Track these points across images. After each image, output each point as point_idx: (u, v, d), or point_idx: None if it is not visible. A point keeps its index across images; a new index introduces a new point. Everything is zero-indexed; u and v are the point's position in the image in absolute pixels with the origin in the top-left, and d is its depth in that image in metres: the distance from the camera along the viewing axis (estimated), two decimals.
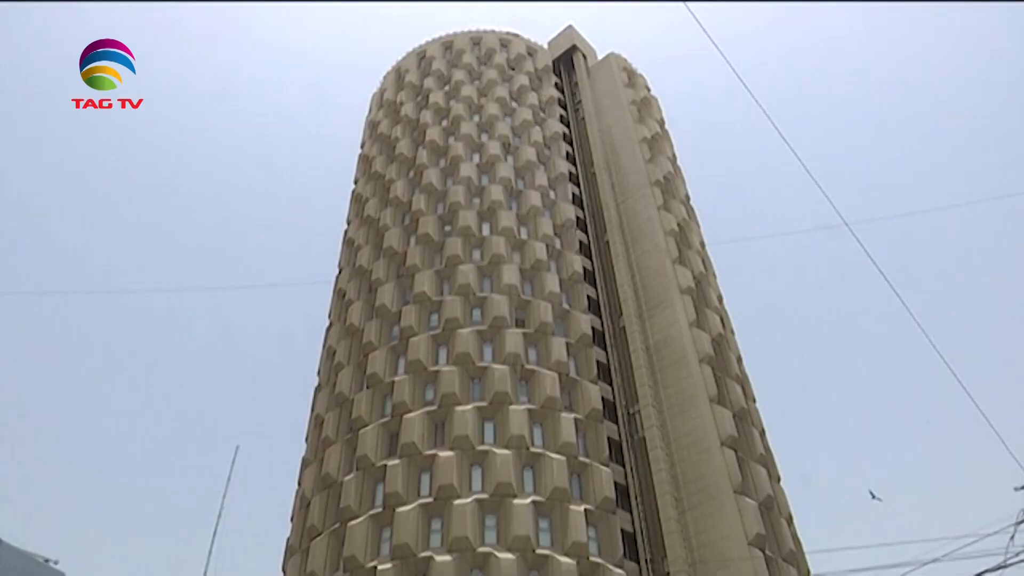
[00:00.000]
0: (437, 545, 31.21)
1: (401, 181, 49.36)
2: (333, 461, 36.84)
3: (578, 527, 31.72)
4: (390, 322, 41.42)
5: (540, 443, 34.76)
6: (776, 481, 38.35)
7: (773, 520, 35.05)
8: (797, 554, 35.55)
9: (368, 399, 37.88)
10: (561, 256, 44.37)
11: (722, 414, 36.51)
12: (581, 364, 39.20)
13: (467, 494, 32.37)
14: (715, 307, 44.17)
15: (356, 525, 32.85)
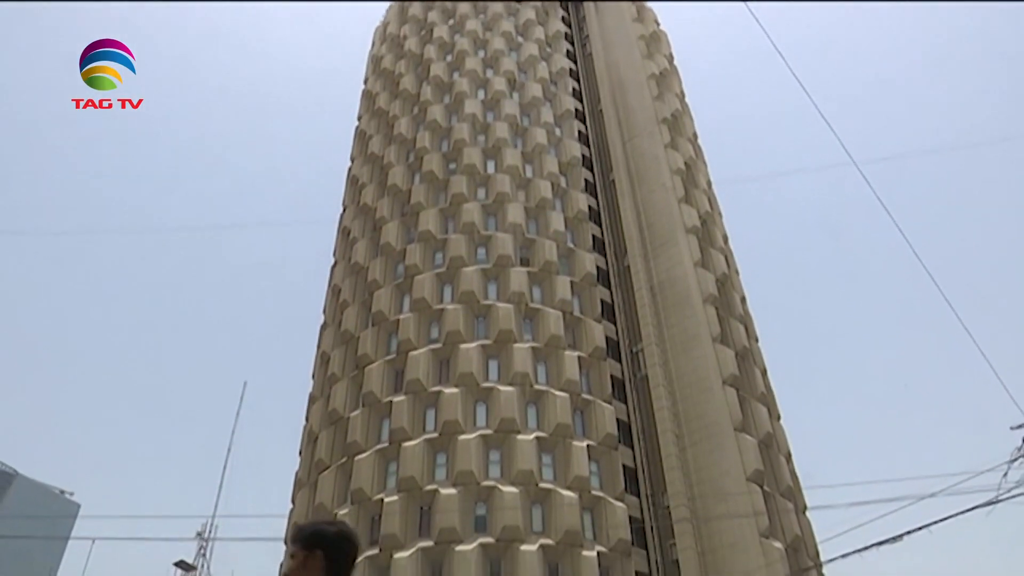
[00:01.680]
0: (442, 479, 31.93)
1: (405, 118, 48.71)
2: (339, 397, 37.41)
3: (580, 462, 32.36)
4: (395, 260, 41.47)
5: (544, 380, 35.17)
6: (776, 419, 38.88)
7: (772, 457, 35.66)
8: (795, 489, 36.28)
9: (373, 336, 38.22)
10: (566, 195, 44.07)
11: (724, 353, 36.79)
12: (585, 303, 39.35)
13: (471, 430, 32.95)
14: (720, 247, 44.05)
15: (363, 459, 33.56)
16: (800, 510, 35.84)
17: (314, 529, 3.30)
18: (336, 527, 3.31)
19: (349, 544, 3.30)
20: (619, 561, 30.80)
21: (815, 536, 35.82)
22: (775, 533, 32.11)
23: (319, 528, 3.30)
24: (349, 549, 3.29)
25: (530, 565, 29.07)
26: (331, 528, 3.30)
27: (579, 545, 30.10)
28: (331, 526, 3.31)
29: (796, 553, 32.70)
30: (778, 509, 33.58)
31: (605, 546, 30.71)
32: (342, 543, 3.27)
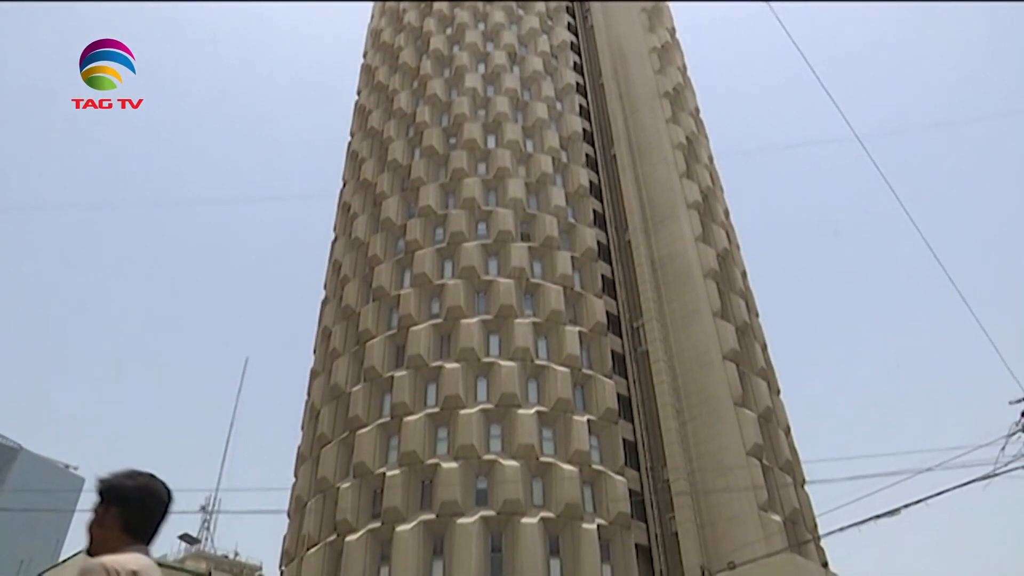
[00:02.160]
0: (443, 453, 32.17)
1: (405, 92, 48.36)
2: (341, 372, 37.57)
3: (581, 436, 32.57)
4: (395, 235, 41.42)
5: (544, 355, 35.29)
6: (776, 394, 39.05)
7: (771, 431, 35.88)
8: (793, 463, 36.54)
9: (375, 312, 38.29)
10: (567, 169, 43.89)
11: (725, 328, 36.86)
12: (586, 278, 39.35)
13: (473, 404, 33.12)
14: (721, 222, 43.95)
15: (364, 433, 33.78)
16: (799, 484, 36.13)
17: (111, 482, 2.90)
18: (138, 480, 2.92)
19: (151, 498, 2.91)
20: (619, 534, 31.12)
21: (813, 509, 36.16)
22: (774, 506, 32.39)
23: (117, 481, 2.90)
24: (151, 503, 2.90)
25: (531, 538, 29.38)
26: (130, 481, 2.91)
27: (579, 518, 30.39)
28: (131, 479, 2.91)
29: (794, 526, 33.01)
30: (777, 483, 33.85)
31: (605, 519, 31.01)
32: (142, 497, 2.88)
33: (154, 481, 2.96)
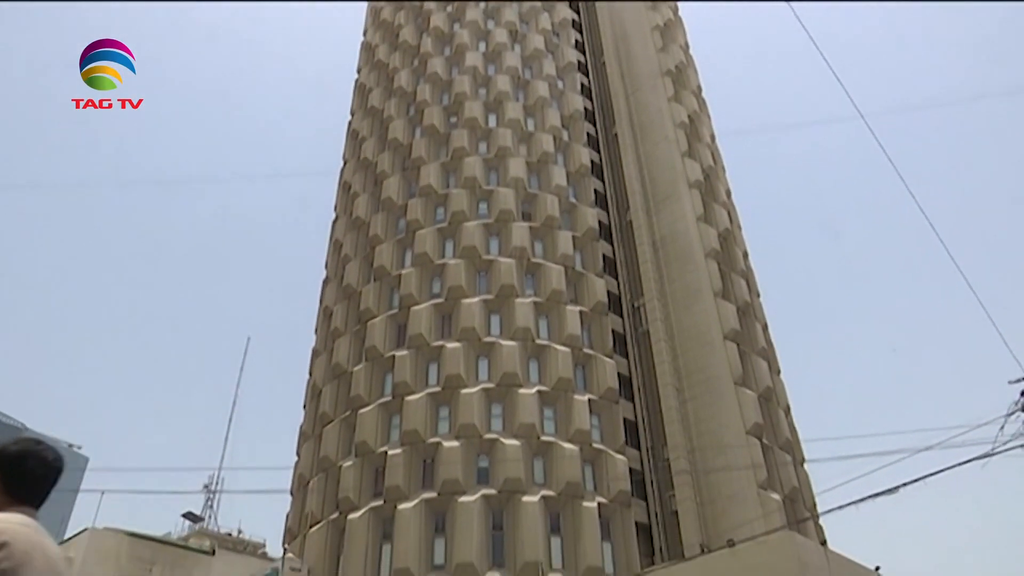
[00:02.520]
0: (445, 432, 32.33)
1: (405, 71, 48.03)
2: (343, 352, 37.66)
3: (582, 415, 32.71)
4: (396, 215, 41.33)
5: (545, 335, 35.35)
6: (776, 373, 39.14)
7: (771, 410, 36.00)
8: (793, 442, 36.71)
9: (376, 291, 38.31)
10: (568, 148, 43.68)
11: (726, 308, 36.87)
12: (587, 258, 39.31)
13: (474, 383, 33.23)
14: (723, 201, 43.80)
15: (366, 412, 33.93)
16: (798, 462, 36.32)
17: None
18: (19, 444, 2.88)
19: (33, 460, 2.87)
20: (619, 512, 31.33)
21: (812, 488, 36.37)
22: (773, 485, 32.59)
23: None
24: (32, 465, 2.86)
25: (532, 516, 29.60)
26: (13, 446, 2.87)
27: (580, 496, 30.60)
28: (15, 444, 2.89)
29: (793, 504, 33.23)
30: (776, 462, 34.02)
31: (605, 497, 31.22)
32: (23, 460, 2.85)
33: (38, 445, 2.95)
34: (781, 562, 26.71)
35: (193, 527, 57.37)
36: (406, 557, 29.08)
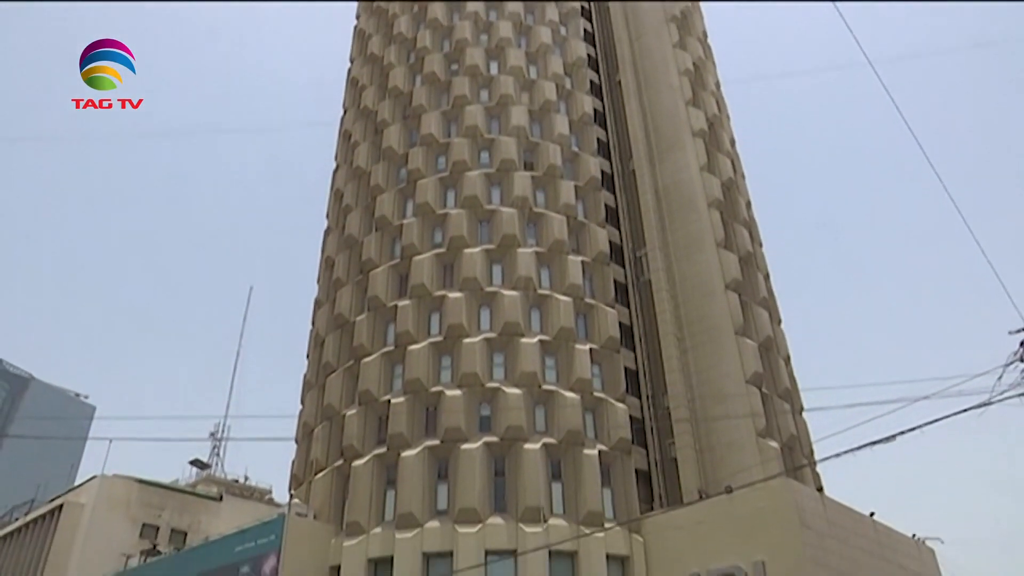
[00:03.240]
0: (447, 381, 32.61)
1: (405, 17, 47.09)
2: (345, 302, 37.77)
3: (583, 364, 32.93)
4: (397, 164, 41.00)
5: (547, 285, 35.38)
6: (777, 323, 39.26)
7: (771, 360, 36.23)
8: (792, 391, 37.04)
9: (377, 241, 38.24)
10: (571, 96, 43.07)
11: (728, 258, 36.81)
12: (589, 207, 39.10)
13: (476, 333, 33.39)
14: (727, 151, 43.36)
15: (369, 362, 34.19)
16: (796, 411, 36.69)
17: None
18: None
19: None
20: (619, 459, 31.78)
21: (810, 436, 36.81)
22: (771, 433, 32.98)
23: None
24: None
25: (533, 462, 30.04)
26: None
27: (580, 444, 31.00)
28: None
29: (791, 452, 33.67)
30: (775, 410, 34.37)
31: (606, 444, 31.63)
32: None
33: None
34: (778, 508, 27.20)
35: (200, 474, 58.55)
36: (410, 502, 29.62)
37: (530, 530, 28.35)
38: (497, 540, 28.46)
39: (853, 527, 29.93)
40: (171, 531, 49.07)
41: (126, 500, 49.18)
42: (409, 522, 29.22)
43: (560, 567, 28.74)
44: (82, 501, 49.56)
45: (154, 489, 50.99)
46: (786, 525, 26.78)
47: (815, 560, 26.38)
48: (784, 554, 26.30)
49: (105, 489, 49.10)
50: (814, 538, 27.05)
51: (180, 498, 51.82)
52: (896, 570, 31.44)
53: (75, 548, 46.40)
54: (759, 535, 26.82)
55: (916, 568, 33.32)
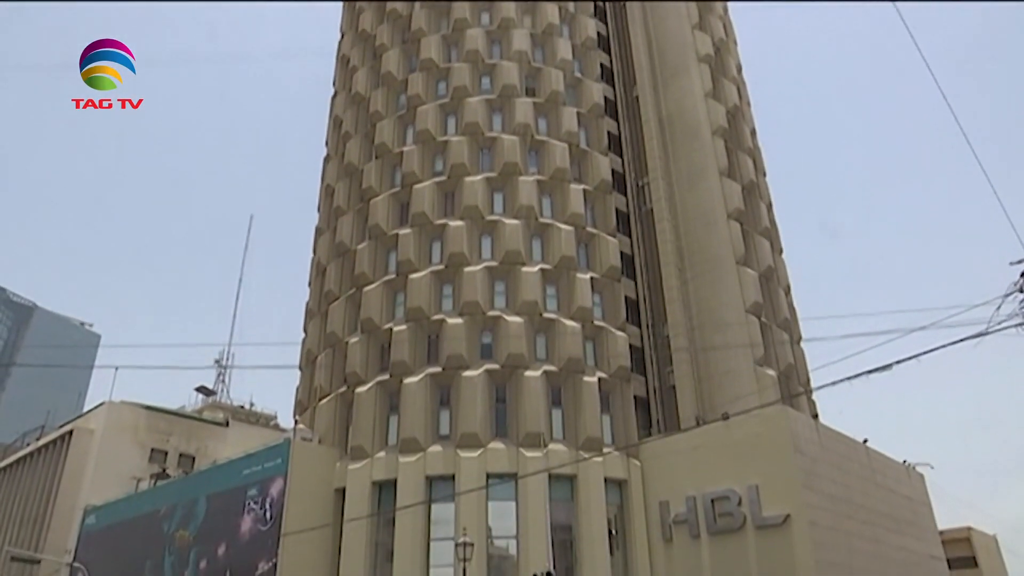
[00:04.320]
0: (449, 309, 32.79)
1: None
2: (346, 230, 37.65)
3: (583, 293, 33.06)
4: (396, 91, 40.23)
5: (549, 213, 35.20)
6: (778, 253, 39.23)
7: (771, 289, 36.34)
8: (791, 321, 37.28)
9: (377, 169, 37.86)
10: (574, 19, 41.91)
11: (731, 187, 36.50)
12: (592, 135, 38.56)
13: (477, 262, 33.40)
14: (733, 77, 42.47)
15: (371, 290, 34.32)
16: (795, 341, 37.01)
17: None
18: None
19: None
20: (618, 386, 32.24)
21: (807, 365, 37.25)
22: (769, 362, 33.35)
23: None
24: None
25: (533, 389, 30.48)
26: None
27: (580, 371, 31.40)
28: None
29: (788, 380, 34.13)
30: (773, 339, 34.67)
31: (605, 372, 32.04)
32: None
33: None
34: (773, 434, 27.76)
35: (206, 400, 59.51)
36: (412, 427, 30.20)
37: (530, 454, 28.99)
38: (498, 464, 29.15)
39: (846, 453, 30.60)
40: (179, 455, 50.22)
41: (134, 426, 50.16)
42: (412, 446, 29.86)
43: (560, 490, 29.53)
44: (91, 427, 50.55)
45: (161, 415, 51.94)
46: (780, 451, 27.39)
47: (807, 484, 27.07)
48: (777, 478, 26.98)
49: (113, 415, 50.03)
50: (807, 463, 27.70)
51: (187, 424, 52.84)
52: (886, 494, 32.29)
53: (87, 472, 47.57)
54: (754, 460, 27.46)
55: (906, 492, 34.21)
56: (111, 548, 38.86)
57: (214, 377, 62.16)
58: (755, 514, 26.80)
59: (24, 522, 49.95)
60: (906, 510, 33.30)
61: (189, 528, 34.55)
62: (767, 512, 26.58)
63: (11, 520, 52.08)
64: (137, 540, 37.41)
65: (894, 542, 30.84)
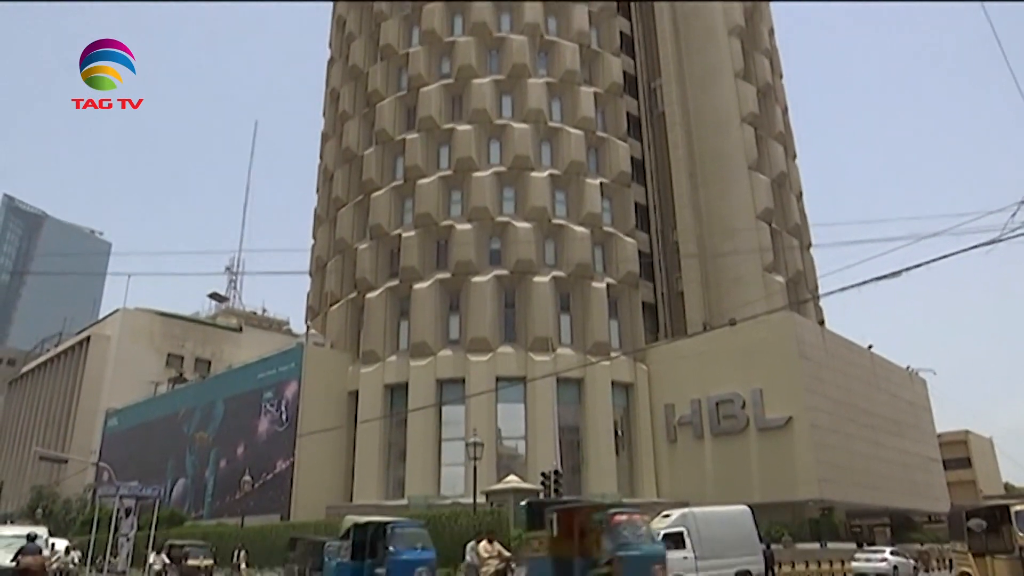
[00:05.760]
0: (457, 215, 32.64)
1: None
2: (352, 135, 37.10)
3: (593, 199, 32.80)
4: None
5: (558, 117, 34.51)
6: (792, 158, 38.59)
7: (783, 195, 35.94)
8: (802, 227, 37.02)
9: (383, 72, 36.93)
10: None
11: (746, 90, 35.55)
12: (603, 35, 37.30)
13: (485, 167, 33.02)
14: None
15: (379, 196, 34.12)
16: (804, 247, 36.86)
17: None
18: None
19: None
20: (627, 292, 32.41)
21: (816, 271, 37.24)
22: (778, 268, 33.33)
23: None
24: None
25: (542, 295, 30.69)
26: None
27: (589, 277, 31.51)
28: None
29: (796, 286, 34.19)
30: (783, 245, 34.54)
31: (614, 278, 32.16)
32: None
33: None
34: (778, 339, 28.06)
35: (219, 307, 60.34)
36: (423, 332, 30.63)
37: (539, 358, 29.46)
38: (507, 367, 29.68)
39: (850, 359, 30.99)
40: (195, 360, 51.36)
41: (149, 331, 51.10)
42: (423, 351, 30.36)
43: (567, 393, 30.18)
44: (107, 333, 51.52)
45: (176, 321, 52.82)
46: (785, 356, 27.78)
47: (811, 388, 27.57)
48: (781, 382, 27.47)
49: (128, 321, 50.91)
50: (811, 368, 28.12)
51: (201, 329, 53.78)
52: (888, 398, 32.89)
53: (106, 376, 48.83)
54: (759, 365, 27.90)
55: (908, 397, 34.81)
56: (134, 448, 40.29)
57: (225, 284, 62.81)
58: (758, 416, 27.44)
59: (49, 425, 51.68)
60: (907, 414, 33.97)
61: (208, 429, 35.67)
62: (770, 415, 27.19)
63: (36, 423, 53.87)
64: (158, 441, 38.71)
65: (893, 444, 31.61)
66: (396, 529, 13.15)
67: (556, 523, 10.65)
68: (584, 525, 10.39)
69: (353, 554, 13.83)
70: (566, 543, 10.42)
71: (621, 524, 9.68)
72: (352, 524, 14.24)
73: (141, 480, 30.14)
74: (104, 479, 33.95)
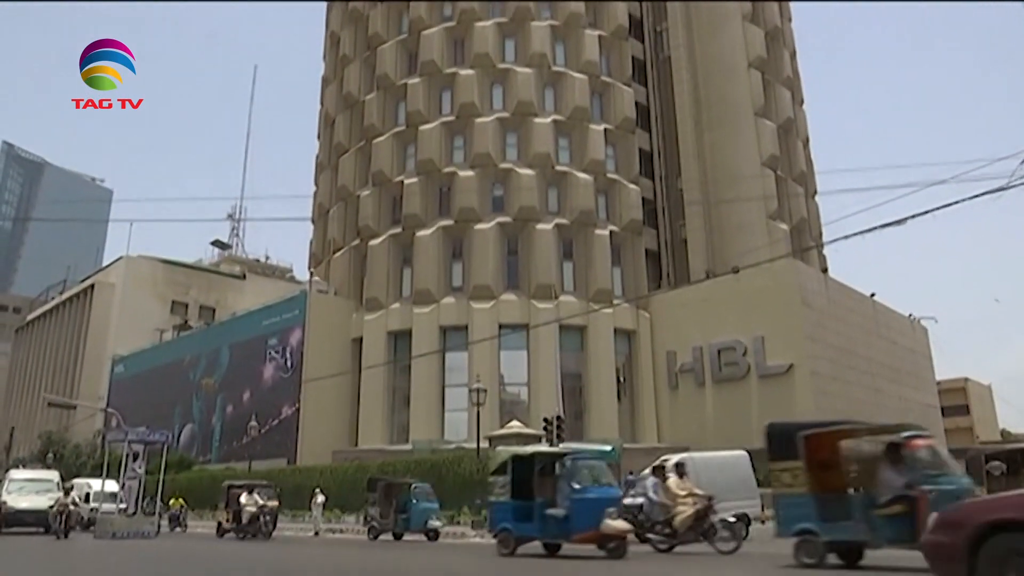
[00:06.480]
0: (460, 161, 32.38)
1: None
2: (353, 80, 36.56)
3: (597, 145, 32.47)
4: None
5: (562, 62, 33.92)
6: (799, 104, 38.04)
7: (790, 142, 35.53)
8: (807, 174, 36.69)
9: (384, 14, 36.19)
10: None
11: (753, 33, 34.84)
12: None
13: (488, 112, 32.60)
14: None
15: (381, 142, 33.80)
16: (810, 194, 36.59)
17: None
18: None
19: None
20: (630, 239, 32.32)
21: (821, 219, 37.03)
22: (782, 215, 33.15)
23: None
24: None
25: (545, 242, 30.63)
26: None
27: (592, 224, 31.39)
28: None
29: (800, 234, 34.03)
30: (788, 193, 34.28)
31: (617, 225, 32.03)
32: None
33: None
34: (781, 287, 28.07)
35: (222, 254, 60.33)
36: (426, 279, 30.69)
37: (542, 306, 29.54)
38: (510, 314, 29.81)
39: (852, 306, 31.04)
40: (200, 307, 51.54)
41: (152, 279, 51.19)
42: (426, 298, 30.47)
43: (570, 340, 30.35)
44: (111, 280, 51.64)
45: (179, 268, 52.86)
46: (787, 303, 27.83)
47: (812, 336, 27.69)
48: (783, 330, 27.57)
49: (132, 269, 50.96)
50: (813, 316, 28.20)
51: (205, 277, 53.86)
52: (889, 346, 33.04)
53: (111, 323, 49.10)
54: (761, 312, 27.96)
55: (909, 344, 34.95)
56: (141, 394, 40.77)
57: (228, 231, 62.71)
58: (759, 363, 27.62)
59: (57, 371, 52.19)
60: (907, 361, 34.16)
61: (214, 376, 36.05)
62: (771, 361, 27.36)
63: (44, 370, 54.40)
64: (165, 387, 39.15)
65: (893, 391, 31.87)
66: (577, 462, 11.05)
67: (812, 450, 8.39)
68: (858, 452, 8.18)
69: (514, 491, 11.41)
70: (833, 474, 8.28)
71: (919, 450, 7.58)
72: (511, 456, 11.93)
73: (149, 426, 30.59)
74: (113, 425, 34.44)
